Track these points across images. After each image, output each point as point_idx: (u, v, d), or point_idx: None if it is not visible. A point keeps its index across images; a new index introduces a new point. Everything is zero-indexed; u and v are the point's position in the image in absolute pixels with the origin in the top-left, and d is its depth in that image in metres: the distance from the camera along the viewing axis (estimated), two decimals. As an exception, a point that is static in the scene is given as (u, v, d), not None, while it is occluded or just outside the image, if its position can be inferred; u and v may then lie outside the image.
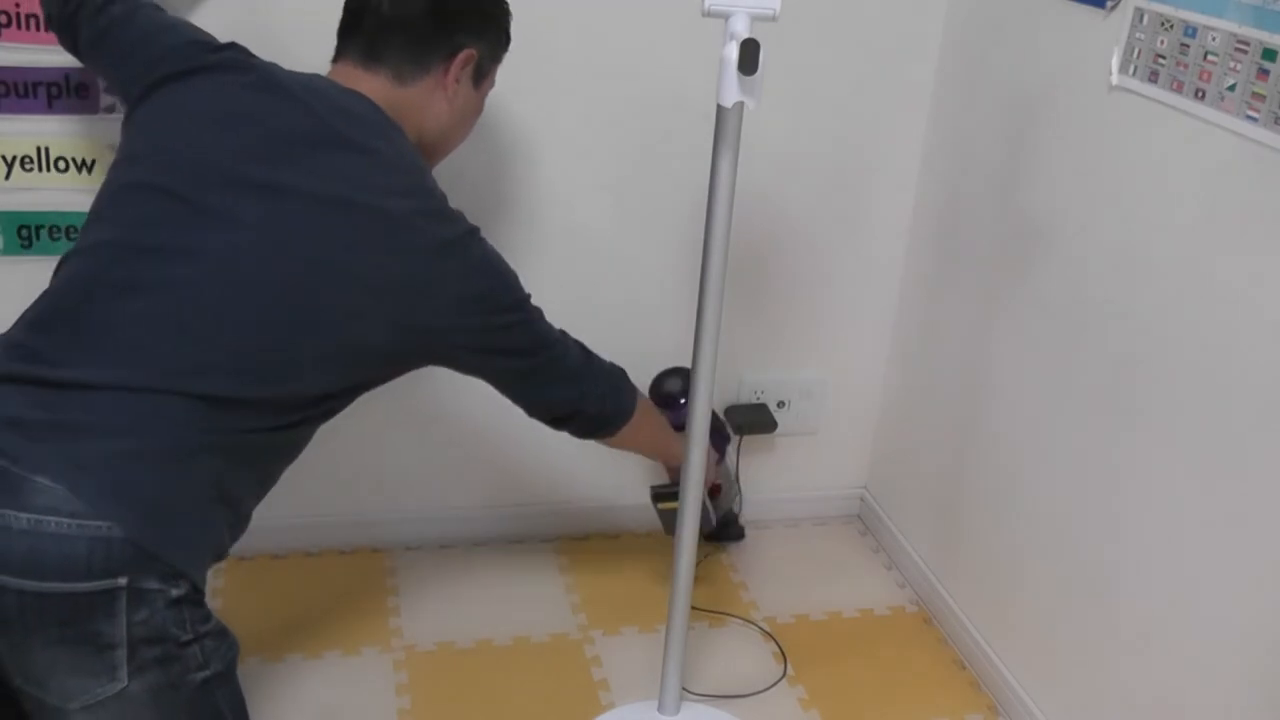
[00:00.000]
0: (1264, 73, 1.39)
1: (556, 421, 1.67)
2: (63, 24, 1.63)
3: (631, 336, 2.21)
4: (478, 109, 1.65)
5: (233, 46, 1.53)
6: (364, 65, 1.52)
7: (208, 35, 1.57)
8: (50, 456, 1.23)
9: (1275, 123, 1.38)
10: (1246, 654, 1.48)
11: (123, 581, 1.22)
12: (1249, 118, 1.42)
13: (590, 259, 2.13)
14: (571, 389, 1.64)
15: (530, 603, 2.16)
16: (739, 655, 2.08)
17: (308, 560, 2.23)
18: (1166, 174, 1.58)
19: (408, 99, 1.53)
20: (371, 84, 1.51)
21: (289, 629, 2.05)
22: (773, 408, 2.35)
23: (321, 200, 1.38)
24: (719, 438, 2.05)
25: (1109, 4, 1.65)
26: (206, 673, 1.31)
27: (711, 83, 1.43)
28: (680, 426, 1.95)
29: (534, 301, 1.57)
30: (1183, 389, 1.56)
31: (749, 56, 1.36)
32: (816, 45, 2.05)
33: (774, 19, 1.42)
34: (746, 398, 2.34)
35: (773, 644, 2.11)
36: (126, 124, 1.52)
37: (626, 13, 1.96)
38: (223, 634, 1.35)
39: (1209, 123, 1.49)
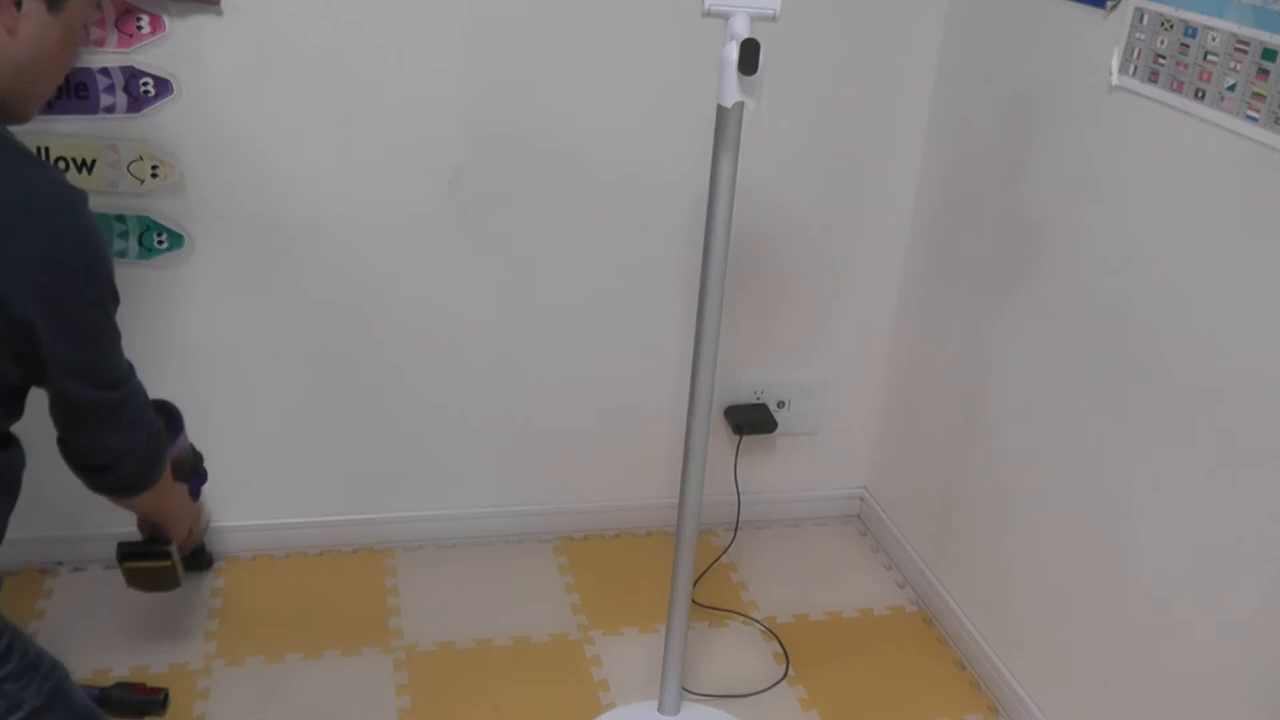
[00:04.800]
0: (1264, 73, 1.39)
1: (88, 470, 1.44)
2: None
3: (632, 337, 2.21)
4: (65, 39, 1.31)
5: None
6: None
7: None
8: None
9: (1275, 123, 1.38)
10: (1246, 653, 1.48)
11: None
12: (1249, 118, 1.42)
13: (591, 259, 2.13)
14: (125, 440, 1.42)
15: (530, 603, 2.16)
16: (739, 655, 2.09)
17: (308, 560, 2.23)
18: (1166, 174, 1.58)
19: None
20: None
21: (289, 629, 2.05)
22: (773, 408, 2.35)
23: None
24: (197, 481, 1.87)
25: (1109, 4, 1.65)
26: (21, 713, 1.29)
27: (712, 83, 1.43)
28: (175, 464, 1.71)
29: None
30: (1182, 387, 1.56)
31: (749, 56, 1.36)
32: (816, 45, 2.05)
33: (774, 19, 1.42)
34: (746, 398, 2.34)
35: (773, 644, 2.11)
36: None
37: (626, 12, 1.96)
38: (28, 672, 1.30)
39: (1209, 123, 1.49)
